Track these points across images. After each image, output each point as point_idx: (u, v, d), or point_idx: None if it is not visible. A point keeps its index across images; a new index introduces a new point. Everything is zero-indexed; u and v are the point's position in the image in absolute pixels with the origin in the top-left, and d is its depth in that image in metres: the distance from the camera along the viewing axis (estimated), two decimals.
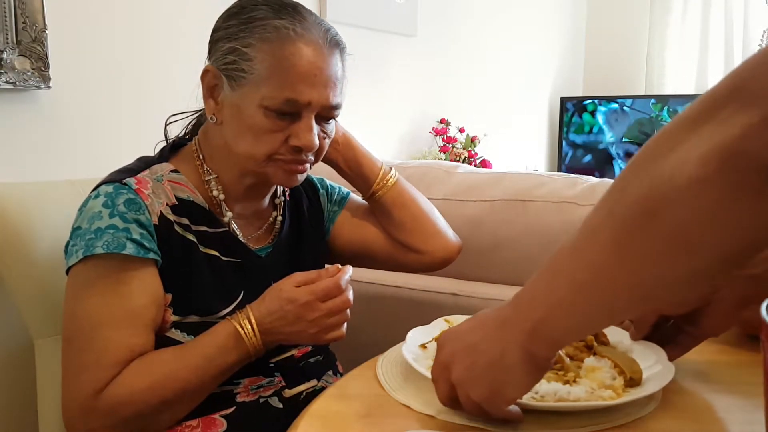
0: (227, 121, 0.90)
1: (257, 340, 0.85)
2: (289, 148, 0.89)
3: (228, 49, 0.88)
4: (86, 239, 0.84)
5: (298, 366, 0.97)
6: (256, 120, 0.87)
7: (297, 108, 0.87)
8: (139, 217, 0.85)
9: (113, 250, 0.82)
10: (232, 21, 0.89)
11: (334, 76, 0.89)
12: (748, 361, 0.87)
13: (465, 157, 2.56)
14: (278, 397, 0.94)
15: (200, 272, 0.90)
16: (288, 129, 0.88)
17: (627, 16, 3.91)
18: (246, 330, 0.85)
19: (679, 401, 0.75)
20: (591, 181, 1.32)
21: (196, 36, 1.64)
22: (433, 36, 2.63)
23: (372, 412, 0.74)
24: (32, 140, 1.30)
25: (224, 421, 0.89)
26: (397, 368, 0.80)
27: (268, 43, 0.86)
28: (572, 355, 0.79)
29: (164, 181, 0.91)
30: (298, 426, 0.69)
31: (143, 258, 0.84)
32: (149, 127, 1.50)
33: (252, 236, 0.98)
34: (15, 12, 1.22)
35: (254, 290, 0.92)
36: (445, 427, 0.67)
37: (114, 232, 0.83)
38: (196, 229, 0.91)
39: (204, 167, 0.94)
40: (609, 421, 0.68)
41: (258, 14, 0.87)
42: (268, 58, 0.86)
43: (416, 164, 1.52)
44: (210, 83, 0.91)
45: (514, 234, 1.32)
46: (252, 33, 0.87)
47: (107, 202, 0.85)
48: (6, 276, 0.97)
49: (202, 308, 0.89)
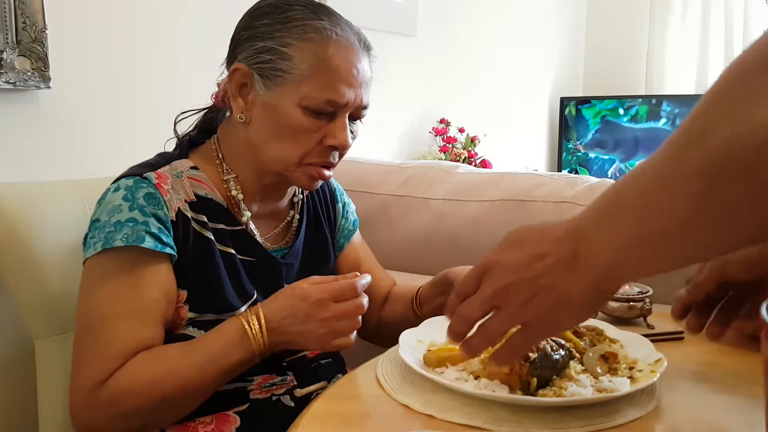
0: (258, 121, 0.90)
1: (264, 339, 0.83)
2: (322, 149, 0.90)
3: (262, 47, 0.88)
4: (106, 232, 0.84)
5: (309, 366, 0.98)
6: (293, 119, 0.87)
7: (335, 108, 0.88)
8: (157, 212, 0.85)
9: (132, 243, 0.82)
10: (266, 20, 0.89)
11: (366, 77, 0.92)
12: (748, 361, 0.87)
13: (465, 157, 2.56)
14: (290, 396, 0.94)
15: (217, 269, 0.90)
16: (323, 129, 0.89)
17: (627, 16, 3.91)
18: (253, 328, 0.83)
19: (679, 401, 0.75)
20: (591, 181, 1.32)
21: (197, 35, 1.64)
22: (433, 36, 2.63)
23: (372, 412, 0.74)
24: (32, 140, 1.30)
25: (237, 418, 0.90)
26: (396, 369, 0.80)
27: (309, 43, 0.87)
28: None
29: (184, 177, 0.91)
30: (299, 426, 0.69)
31: (159, 252, 0.84)
32: (149, 126, 1.51)
33: (268, 235, 0.99)
34: (15, 12, 1.22)
35: (266, 291, 0.92)
36: (445, 427, 0.67)
37: (133, 225, 0.83)
38: (213, 227, 0.91)
39: (223, 166, 0.95)
40: (609, 421, 0.68)
41: (296, 14, 0.88)
42: (309, 57, 0.86)
43: (416, 164, 1.52)
44: (239, 82, 0.90)
45: None
46: (291, 32, 0.87)
47: (127, 195, 0.86)
48: (6, 276, 0.97)
49: (219, 305, 0.89)
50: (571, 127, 3.63)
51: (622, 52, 3.94)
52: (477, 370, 0.75)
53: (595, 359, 0.77)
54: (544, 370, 0.72)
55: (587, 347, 0.81)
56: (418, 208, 1.42)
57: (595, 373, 0.75)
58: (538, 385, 0.71)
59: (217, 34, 1.69)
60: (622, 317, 0.99)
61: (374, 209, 1.44)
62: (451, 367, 0.76)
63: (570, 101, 3.62)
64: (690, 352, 0.93)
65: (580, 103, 3.61)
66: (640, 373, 0.77)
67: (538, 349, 0.73)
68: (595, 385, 0.73)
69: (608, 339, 0.85)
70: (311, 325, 0.82)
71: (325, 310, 0.82)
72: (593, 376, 0.74)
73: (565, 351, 0.76)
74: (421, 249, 1.42)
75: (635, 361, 0.80)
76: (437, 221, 1.39)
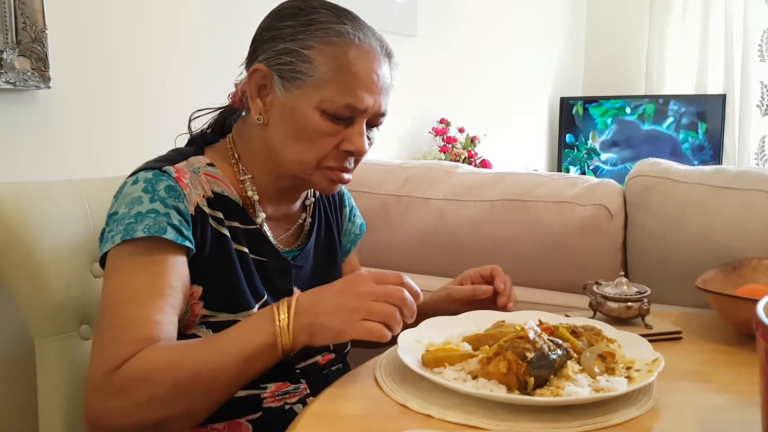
0: (276, 122, 0.90)
1: (289, 320, 0.77)
2: (339, 154, 0.90)
3: (283, 49, 0.87)
4: (125, 224, 0.82)
5: (321, 373, 0.97)
6: (311, 122, 0.87)
7: (353, 113, 0.88)
8: (178, 205, 0.84)
9: (154, 234, 0.81)
10: (289, 22, 0.88)
11: (387, 84, 0.91)
12: (745, 360, 0.87)
13: (465, 157, 2.56)
14: (302, 405, 0.93)
15: (233, 267, 0.89)
16: (341, 134, 0.89)
17: (627, 16, 3.91)
18: (281, 309, 0.78)
19: (677, 401, 0.75)
20: (591, 181, 1.32)
21: (197, 36, 1.64)
22: (433, 36, 2.63)
23: (370, 412, 0.74)
24: (32, 140, 1.30)
25: (250, 426, 0.89)
26: (395, 369, 0.80)
27: (331, 47, 0.86)
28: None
29: (201, 173, 0.90)
30: (297, 426, 0.69)
31: (179, 245, 0.83)
32: (149, 126, 1.51)
33: (280, 237, 0.98)
34: (15, 12, 1.22)
35: (275, 292, 0.92)
36: (443, 427, 0.68)
37: (155, 216, 0.82)
38: (229, 224, 0.90)
39: (239, 166, 0.94)
40: (606, 421, 0.68)
41: (320, 17, 0.88)
42: (330, 61, 0.86)
43: (416, 164, 1.52)
44: (258, 83, 0.90)
45: (514, 234, 1.32)
46: (313, 35, 0.87)
47: (147, 187, 0.85)
48: (6, 276, 0.97)
49: (233, 304, 0.88)
50: (579, 127, 3.63)
51: (622, 52, 3.94)
52: (475, 370, 0.75)
53: (592, 359, 0.77)
54: (541, 369, 0.73)
55: (585, 347, 0.81)
56: (418, 208, 1.42)
57: (592, 373, 0.75)
58: (536, 385, 0.71)
59: (217, 34, 1.69)
60: (621, 317, 0.99)
61: (374, 209, 1.44)
62: (450, 367, 0.76)
63: (577, 101, 3.62)
64: (688, 352, 0.93)
65: (587, 103, 3.61)
66: (637, 372, 0.77)
67: (535, 349, 0.73)
68: (593, 384, 0.73)
69: (606, 339, 0.85)
70: (343, 298, 0.76)
71: (361, 285, 0.77)
72: (590, 376, 0.74)
73: (562, 350, 0.76)
74: (421, 249, 1.42)
75: (633, 361, 0.80)
76: (437, 221, 1.39)
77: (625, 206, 1.25)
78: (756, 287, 1.00)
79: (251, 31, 0.95)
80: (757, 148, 3.61)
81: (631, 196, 1.25)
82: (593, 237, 1.25)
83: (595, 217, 1.24)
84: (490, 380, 0.72)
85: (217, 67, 1.65)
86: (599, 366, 0.77)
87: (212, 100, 1.06)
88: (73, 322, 1.00)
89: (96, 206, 1.05)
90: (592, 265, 1.25)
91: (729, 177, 1.18)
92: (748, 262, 1.08)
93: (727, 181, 1.18)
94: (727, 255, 1.11)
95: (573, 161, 3.68)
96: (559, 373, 0.74)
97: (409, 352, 0.80)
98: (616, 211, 1.24)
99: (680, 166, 1.26)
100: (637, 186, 1.24)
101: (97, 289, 1.04)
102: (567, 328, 0.84)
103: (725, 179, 1.18)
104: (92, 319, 1.03)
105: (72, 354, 1.00)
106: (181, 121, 1.04)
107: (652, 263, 1.22)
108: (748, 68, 3.55)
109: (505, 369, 0.71)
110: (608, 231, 1.24)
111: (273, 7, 0.93)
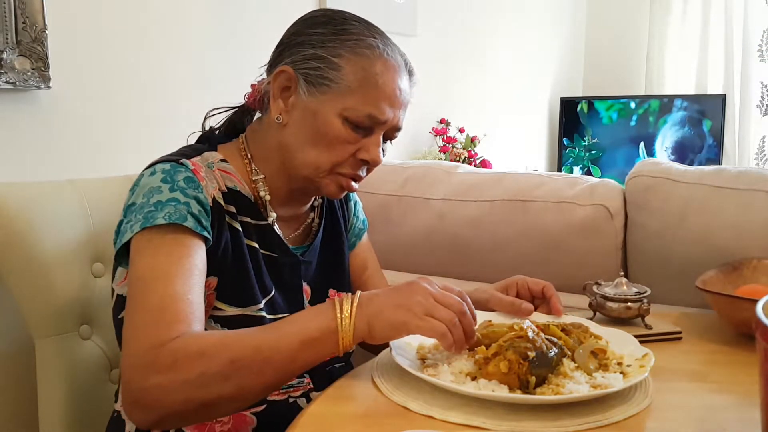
0: (295, 125, 0.91)
1: (351, 308, 0.76)
2: (354, 162, 0.92)
3: (312, 54, 0.89)
4: (144, 212, 0.82)
5: (325, 369, 0.98)
6: (332, 128, 0.89)
7: (373, 124, 0.90)
8: (197, 195, 0.85)
9: (175, 221, 0.81)
10: (320, 29, 0.90)
11: (407, 100, 0.94)
12: (744, 360, 0.87)
13: (465, 157, 2.56)
14: (306, 399, 0.94)
15: (244, 261, 0.90)
16: (359, 143, 0.90)
17: (627, 16, 3.91)
18: (344, 300, 0.77)
19: (676, 400, 0.75)
20: (591, 181, 1.32)
21: (197, 36, 1.64)
22: (433, 36, 2.63)
23: (370, 412, 0.74)
24: (32, 140, 1.30)
25: (254, 419, 0.90)
26: (393, 370, 0.80)
27: (360, 58, 0.88)
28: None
29: (215, 168, 0.91)
30: (296, 426, 0.69)
31: (198, 234, 0.83)
32: (149, 126, 1.51)
33: (289, 237, 0.99)
34: (15, 12, 1.22)
35: (283, 287, 0.93)
36: (444, 427, 0.68)
37: (176, 204, 0.82)
38: (241, 219, 0.92)
39: (252, 166, 0.95)
40: (606, 418, 0.69)
41: (352, 29, 0.90)
42: (358, 71, 0.88)
43: (416, 164, 1.52)
44: (282, 84, 0.91)
45: (514, 234, 1.32)
46: (344, 45, 0.89)
47: (166, 177, 0.85)
48: (6, 276, 0.97)
49: (243, 297, 0.89)
50: (584, 125, 3.63)
51: (622, 52, 3.94)
52: (473, 370, 0.75)
53: (586, 355, 0.78)
54: (541, 368, 0.73)
55: (576, 344, 0.81)
56: (418, 208, 1.42)
57: (587, 370, 0.75)
58: (536, 384, 0.72)
59: (217, 34, 1.69)
60: (621, 317, 0.99)
61: (374, 209, 1.44)
62: (448, 368, 0.76)
63: (581, 99, 3.62)
64: (687, 352, 0.93)
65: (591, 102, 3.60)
66: (629, 368, 0.78)
67: (535, 348, 0.74)
68: (590, 381, 0.73)
69: (593, 335, 0.86)
70: (408, 294, 0.77)
71: (427, 286, 0.78)
72: (586, 373, 0.75)
73: (557, 348, 0.77)
74: (421, 249, 1.42)
75: (622, 357, 0.81)
76: (437, 221, 1.39)
77: (625, 206, 1.25)
78: (756, 287, 1.00)
79: (251, 31, 0.95)
80: (757, 148, 3.61)
81: (631, 196, 1.25)
82: (593, 237, 1.25)
83: (595, 217, 1.24)
84: (490, 380, 0.72)
85: (218, 67, 1.65)
86: (593, 362, 0.77)
87: (212, 99, 1.06)
88: (73, 322, 1.01)
89: (96, 206, 1.05)
90: (592, 265, 1.25)
91: (729, 177, 1.18)
92: (748, 262, 1.08)
93: (727, 181, 1.18)
94: (727, 255, 1.11)
95: (575, 161, 3.67)
96: (556, 371, 0.75)
97: (402, 353, 0.81)
98: (616, 211, 1.24)
99: (680, 166, 1.26)
100: (637, 186, 1.24)
101: (98, 289, 1.04)
102: (557, 326, 0.85)
103: (725, 179, 1.18)
104: (92, 319, 1.04)
105: (72, 354, 1.00)
106: (181, 120, 1.04)
107: (652, 263, 1.22)
108: (748, 68, 3.55)
109: (506, 369, 0.71)
110: (608, 231, 1.24)
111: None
